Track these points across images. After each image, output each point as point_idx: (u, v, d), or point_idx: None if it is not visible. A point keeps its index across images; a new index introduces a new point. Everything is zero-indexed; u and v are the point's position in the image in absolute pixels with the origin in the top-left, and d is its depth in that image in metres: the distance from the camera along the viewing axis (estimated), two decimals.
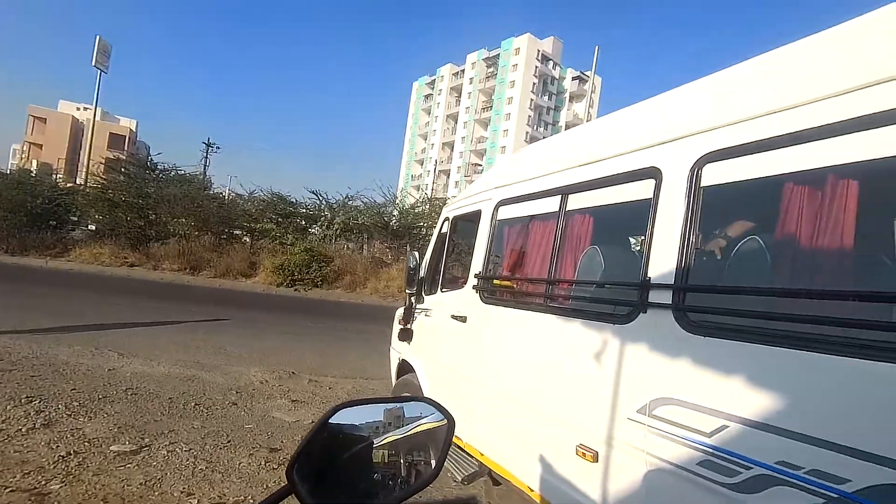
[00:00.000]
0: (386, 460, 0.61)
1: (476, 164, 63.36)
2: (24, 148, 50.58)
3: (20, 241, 16.52)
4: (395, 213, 20.68)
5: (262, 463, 3.34)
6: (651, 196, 1.95)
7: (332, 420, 0.58)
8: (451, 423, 0.63)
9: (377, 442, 0.61)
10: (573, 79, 67.52)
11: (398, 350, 4.26)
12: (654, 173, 1.97)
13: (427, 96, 77.08)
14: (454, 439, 2.87)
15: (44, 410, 3.74)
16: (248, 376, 5.46)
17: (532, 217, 2.87)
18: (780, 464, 1.35)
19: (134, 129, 56.94)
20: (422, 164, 74.05)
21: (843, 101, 1.38)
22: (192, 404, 4.34)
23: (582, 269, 2.44)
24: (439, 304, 3.60)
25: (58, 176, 23.76)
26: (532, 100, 63.31)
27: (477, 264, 3.15)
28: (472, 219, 3.40)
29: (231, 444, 3.61)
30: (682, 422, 1.64)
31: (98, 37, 24.40)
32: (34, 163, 35.02)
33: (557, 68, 67.33)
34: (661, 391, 1.74)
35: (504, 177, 3.18)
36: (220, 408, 4.37)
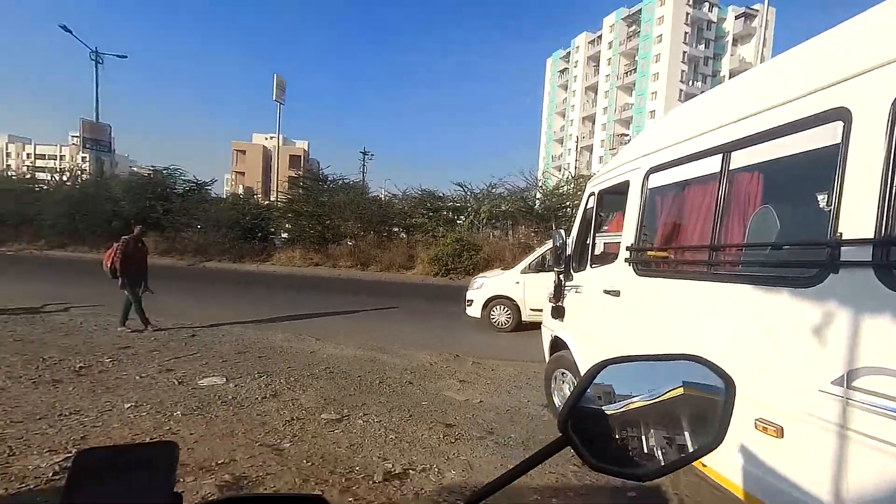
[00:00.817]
0: (651, 424, 0.56)
1: (622, 135, 58.57)
2: (232, 176, 62.86)
3: (238, 250, 20.63)
4: (539, 196, 20.36)
5: (441, 437, 3.65)
6: (839, 142, 1.73)
7: (599, 377, 0.55)
8: (731, 386, 0.54)
9: (642, 403, 0.56)
10: (736, 17, 57.58)
11: (550, 327, 4.35)
12: (842, 115, 1.73)
13: (562, 71, 73.67)
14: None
15: (271, 384, 4.65)
16: (418, 359, 5.99)
17: (688, 181, 2.71)
18: None
19: (306, 149, 66.41)
20: (562, 143, 71.33)
21: None
22: (377, 382, 4.94)
23: (752, 231, 2.27)
24: (589, 279, 3.62)
25: (257, 196, 29.02)
26: (685, 52, 55.85)
27: (628, 236, 3.08)
28: (620, 191, 3.32)
29: (412, 418, 4.01)
30: (892, 393, 1.45)
31: (275, 75, 28.90)
32: (240, 188, 43.30)
33: (715, 10, 58.16)
34: (861, 359, 1.56)
35: (653, 143, 3.03)
36: (398, 386, 4.89)
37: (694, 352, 1.67)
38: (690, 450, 0.55)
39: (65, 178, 25.37)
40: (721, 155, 2.35)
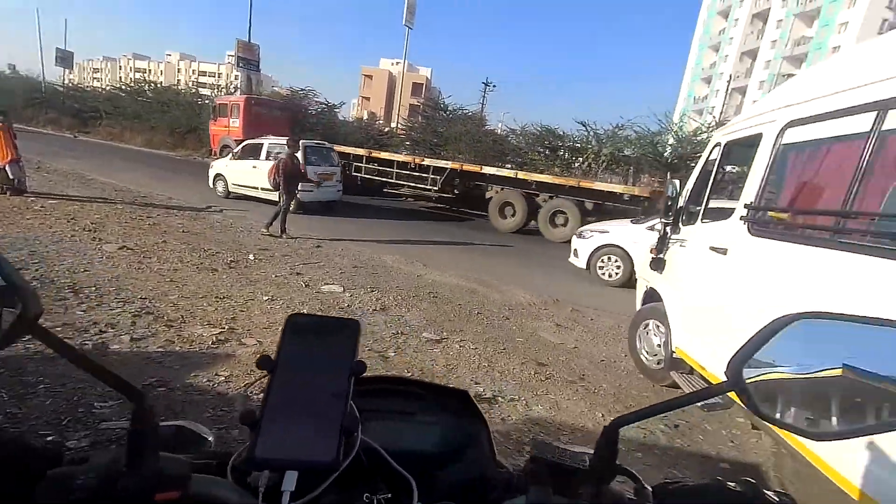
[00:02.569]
0: (798, 388, 0.52)
1: (789, 75, 48.77)
2: (359, 101, 65.74)
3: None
4: (672, 141, 18.28)
5: (532, 373, 3.76)
6: None
7: (789, 328, 0.51)
8: None
9: (840, 366, 0.50)
10: None
11: (646, 278, 4.33)
12: None
13: None
14: (689, 361, 2.76)
15: (381, 299, 5.10)
16: (518, 297, 6.08)
17: (830, 140, 2.50)
18: None
19: (429, 77, 66.41)
20: (709, 83, 61.89)
21: None
22: (476, 312, 5.15)
23: (890, 201, 2.07)
24: (697, 235, 3.51)
25: (379, 122, 30.15)
26: (886, 20, 43.42)
27: (749, 193, 2.90)
28: (750, 143, 3.10)
29: (506, 351, 4.17)
30: None
31: None
32: (365, 113, 45.27)
33: None
34: None
35: (796, 94, 2.77)
36: (496, 319, 5.06)
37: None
38: (869, 423, 0.50)
39: (221, 92, 28.64)
40: (876, 112, 2.10)
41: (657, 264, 4.05)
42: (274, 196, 8.60)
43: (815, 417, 0.52)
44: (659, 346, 3.87)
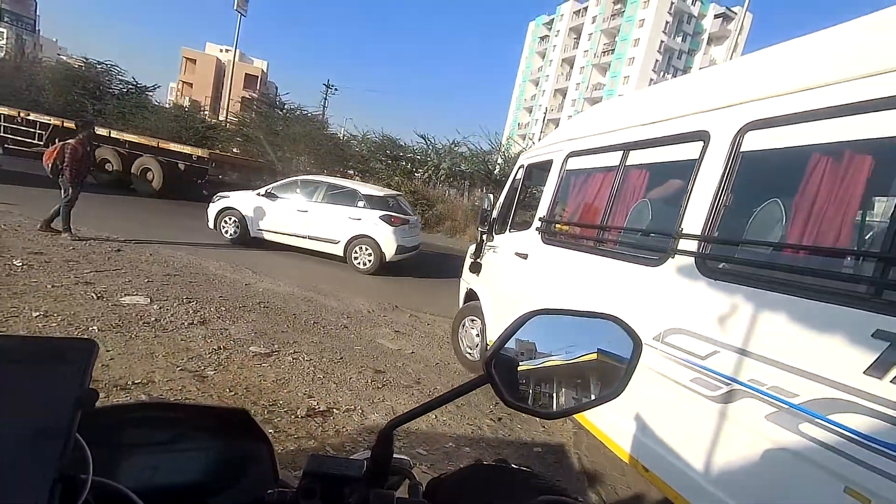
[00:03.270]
0: (563, 380, 0.63)
1: None
2: (179, 86, 57.66)
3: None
4: (500, 161, 20.38)
5: (369, 381, 3.73)
6: (697, 157, 2.22)
7: (527, 324, 0.60)
8: (638, 345, 0.62)
9: (558, 362, 0.63)
10: (716, 16, 58.53)
11: (467, 281, 4.89)
12: (703, 136, 2.22)
13: (543, 38, 72.28)
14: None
15: (200, 311, 4.50)
16: (356, 305, 6.00)
17: (595, 169, 3.20)
18: (754, 383, 1.72)
19: (265, 70, 61.77)
20: (530, 112, 70.91)
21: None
22: (312, 322, 4.91)
23: (632, 218, 2.76)
24: (506, 242, 4.08)
25: (204, 112, 26.89)
26: (662, 42, 56.37)
27: (543, 209, 3.57)
28: (544, 167, 3.78)
29: (343, 360, 4.06)
30: (685, 347, 2.06)
31: None
32: (186, 99, 39.89)
33: (697, 4, 58.66)
34: (674, 323, 2.15)
35: (577, 130, 3.51)
36: (333, 328, 4.89)
37: (572, 306, 2.18)
38: (592, 399, 0.63)
39: None
40: (622, 151, 2.84)
41: (475, 268, 4.56)
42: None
43: (548, 402, 0.63)
44: (477, 338, 4.34)
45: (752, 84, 2.07)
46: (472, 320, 4.43)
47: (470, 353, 4.46)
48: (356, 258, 8.29)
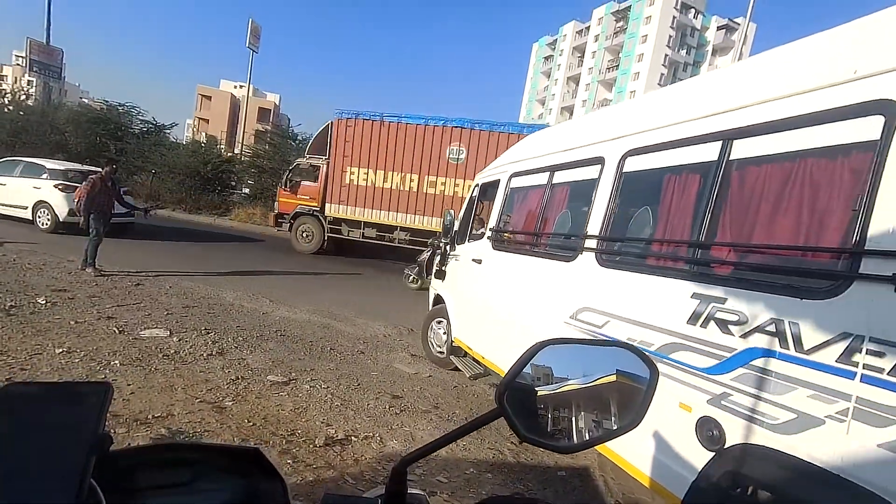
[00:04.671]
0: (582, 406, 0.61)
1: None
2: (195, 122, 59.60)
3: (195, 201, 19.72)
4: None
5: (387, 407, 3.69)
6: (597, 177, 2.87)
7: (539, 354, 0.58)
8: (654, 372, 0.60)
9: (576, 386, 0.61)
10: (718, 28, 58.94)
11: (434, 286, 5.50)
12: (600, 161, 2.89)
13: (547, 58, 73.46)
14: (462, 346, 4.08)
15: (218, 341, 4.54)
16: (372, 329, 6.00)
17: (531, 187, 3.82)
18: (628, 338, 2.33)
19: (277, 103, 63.63)
20: None
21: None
22: (328, 349, 4.91)
23: (557, 225, 3.39)
24: (465, 251, 4.66)
25: (220, 147, 27.66)
26: (667, 55, 56.81)
27: (492, 220, 4.21)
28: (494, 186, 4.41)
29: (360, 386, 4.03)
30: (589, 321, 2.66)
31: (250, 19, 27.28)
32: (203, 135, 41.15)
33: (700, 17, 59.19)
34: (583, 303, 2.75)
35: (517, 154, 4.19)
36: (350, 354, 4.88)
37: (514, 301, 3.58)
38: (613, 429, 0.61)
39: (6, 101, 23.19)
40: (549, 172, 3.50)
41: (441, 274, 5.20)
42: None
43: (567, 427, 0.61)
44: (444, 336, 4.86)
45: (630, 122, 2.76)
46: (439, 322, 4.99)
47: (438, 351, 5.01)
48: (39, 219, 10.08)
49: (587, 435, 0.60)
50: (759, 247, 1.94)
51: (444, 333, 4.86)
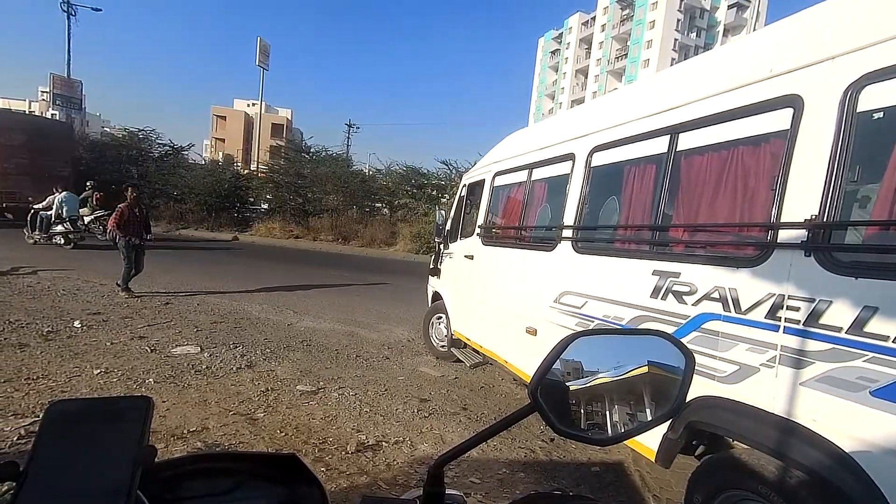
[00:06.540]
0: (616, 399, 0.60)
1: None
2: (212, 143, 60.98)
3: (216, 219, 20.19)
4: None
5: (415, 410, 3.70)
6: (569, 171, 3.15)
7: (569, 348, 0.58)
8: (690, 359, 0.58)
9: (608, 379, 0.60)
10: (729, 7, 57.50)
11: (432, 284, 5.71)
12: (571, 157, 3.14)
13: (554, 52, 72.82)
14: (462, 338, 4.32)
15: (246, 354, 4.63)
16: (396, 334, 6.03)
17: (513, 184, 4.10)
18: (604, 316, 2.62)
19: (289, 118, 64.64)
20: None
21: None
22: (354, 356, 4.96)
23: (538, 218, 3.65)
24: (458, 248, 4.92)
25: (237, 164, 28.26)
26: (676, 40, 55.68)
27: (480, 218, 4.51)
28: (480, 185, 4.67)
29: (388, 392, 4.06)
30: (570, 303, 2.93)
31: (259, 38, 27.85)
32: (220, 154, 42.07)
33: None
34: (563, 287, 3.01)
35: (499, 154, 4.44)
36: (375, 360, 4.92)
37: (505, 291, 3.93)
38: (648, 420, 0.60)
39: None
40: (527, 170, 3.76)
41: (435, 272, 5.46)
42: None
43: (601, 421, 0.61)
44: (445, 331, 5.07)
45: (595, 119, 3.02)
46: (439, 317, 5.23)
47: (439, 344, 5.22)
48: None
49: (622, 428, 0.59)
50: (703, 226, 2.25)
51: (445, 327, 5.06)
